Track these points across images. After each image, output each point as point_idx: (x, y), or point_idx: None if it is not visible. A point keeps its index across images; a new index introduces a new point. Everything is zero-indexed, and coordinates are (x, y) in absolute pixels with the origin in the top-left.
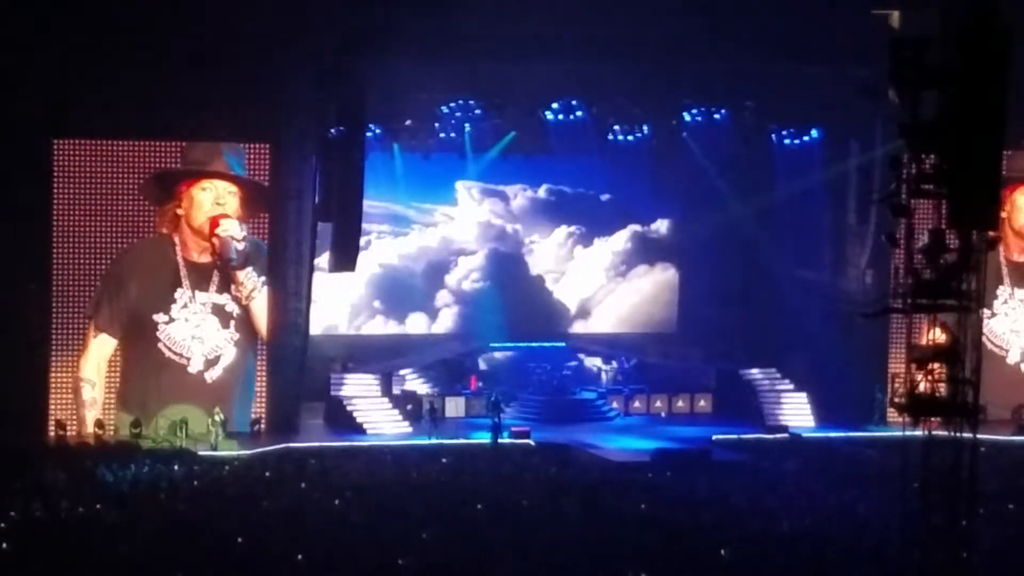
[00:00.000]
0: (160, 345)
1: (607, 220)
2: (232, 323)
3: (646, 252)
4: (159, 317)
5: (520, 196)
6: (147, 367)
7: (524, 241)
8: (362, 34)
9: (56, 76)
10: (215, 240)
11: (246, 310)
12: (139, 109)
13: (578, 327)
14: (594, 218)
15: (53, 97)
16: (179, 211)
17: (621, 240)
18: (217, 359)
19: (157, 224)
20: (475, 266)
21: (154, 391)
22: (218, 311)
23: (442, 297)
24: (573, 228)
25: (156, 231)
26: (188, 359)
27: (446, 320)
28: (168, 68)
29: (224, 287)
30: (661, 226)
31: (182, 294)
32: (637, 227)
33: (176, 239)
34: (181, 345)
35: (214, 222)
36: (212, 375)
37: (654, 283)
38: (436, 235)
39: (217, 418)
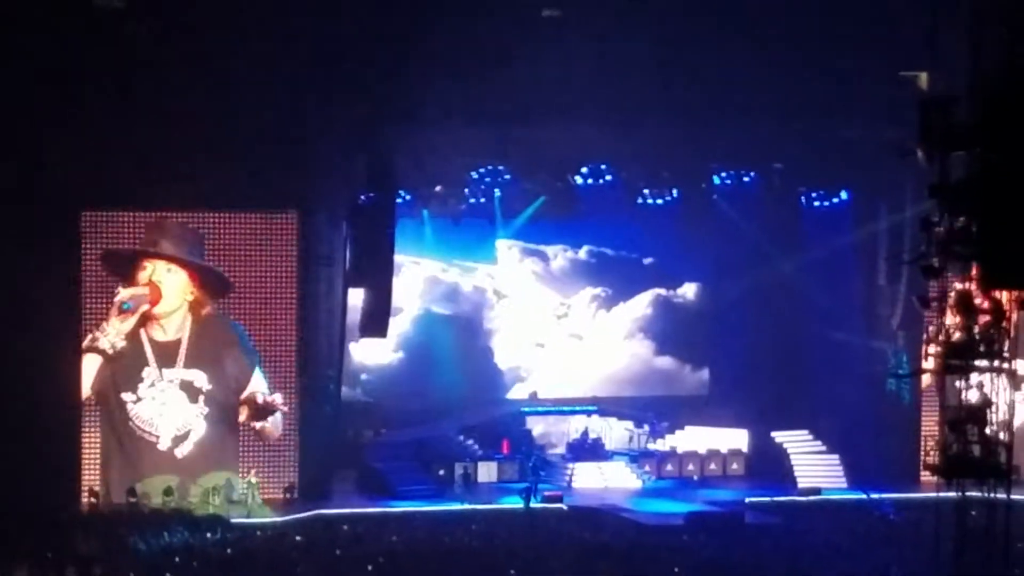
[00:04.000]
0: (131, 424)
1: (636, 283)
2: (201, 398)
3: (674, 313)
4: (127, 396)
5: (560, 256)
6: (121, 440)
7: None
8: (391, 101)
9: (85, 149)
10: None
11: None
12: (167, 180)
13: (607, 390)
14: (624, 281)
15: (82, 170)
16: None
17: (646, 303)
18: (187, 434)
19: None
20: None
21: (129, 462)
22: (186, 387)
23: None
24: (600, 290)
25: None
26: (157, 436)
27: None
28: (196, 137)
29: (193, 362)
30: (688, 290)
31: (149, 373)
32: (662, 291)
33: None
34: (149, 423)
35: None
36: (182, 451)
37: (682, 345)
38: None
39: (253, 481)
